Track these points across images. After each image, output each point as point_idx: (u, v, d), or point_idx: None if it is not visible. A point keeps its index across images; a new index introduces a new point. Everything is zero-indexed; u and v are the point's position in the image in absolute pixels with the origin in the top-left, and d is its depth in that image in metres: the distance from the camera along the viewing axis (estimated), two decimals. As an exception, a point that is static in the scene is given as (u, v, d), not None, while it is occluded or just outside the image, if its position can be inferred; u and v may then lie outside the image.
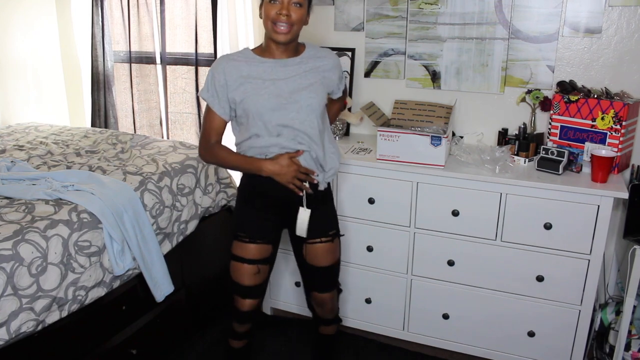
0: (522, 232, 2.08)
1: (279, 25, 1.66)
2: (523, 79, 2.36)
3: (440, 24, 2.44)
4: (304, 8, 1.70)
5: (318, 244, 1.87)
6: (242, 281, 1.88)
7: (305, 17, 1.72)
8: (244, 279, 1.87)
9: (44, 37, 3.35)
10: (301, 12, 1.68)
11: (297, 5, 1.67)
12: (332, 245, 1.90)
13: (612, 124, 2.04)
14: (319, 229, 1.86)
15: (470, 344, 2.31)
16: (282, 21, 1.65)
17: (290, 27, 1.67)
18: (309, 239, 1.86)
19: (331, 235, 1.90)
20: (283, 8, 1.65)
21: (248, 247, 1.85)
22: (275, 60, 1.75)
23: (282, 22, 1.65)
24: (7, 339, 1.54)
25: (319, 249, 1.88)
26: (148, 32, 3.15)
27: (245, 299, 1.92)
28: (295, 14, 1.66)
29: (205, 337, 2.46)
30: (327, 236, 1.88)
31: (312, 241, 1.87)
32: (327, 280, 1.97)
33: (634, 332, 2.06)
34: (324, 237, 1.87)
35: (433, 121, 2.26)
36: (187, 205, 2.24)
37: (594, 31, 2.20)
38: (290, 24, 1.66)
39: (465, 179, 2.10)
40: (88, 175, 2.05)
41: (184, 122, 3.23)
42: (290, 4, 1.66)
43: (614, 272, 2.32)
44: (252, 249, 1.85)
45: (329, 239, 1.88)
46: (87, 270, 1.78)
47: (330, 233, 1.89)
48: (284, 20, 1.65)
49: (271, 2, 1.67)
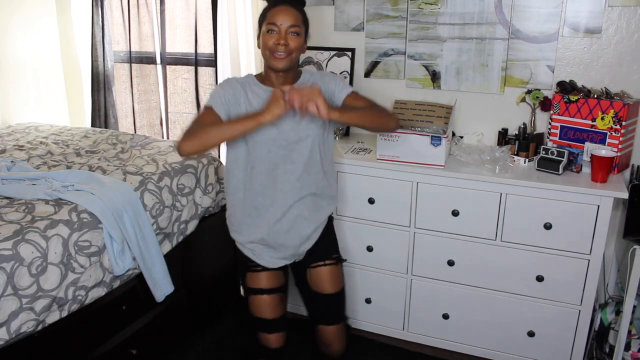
0: (522, 232, 2.08)
1: (276, 54, 1.64)
2: (523, 79, 2.36)
3: (440, 24, 2.44)
4: (302, 36, 1.68)
5: (322, 267, 1.82)
6: (265, 315, 1.80)
7: (303, 44, 1.70)
8: (267, 312, 1.80)
9: (44, 37, 3.35)
10: (299, 40, 1.66)
11: (295, 34, 1.65)
12: (336, 268, 1.85)
13: (612, 124, 2.04)
14: (322, 252, 1.82)
15: (470, 344, 2.31)
16: (280, 51, 1.63)
17: (289, 54, 1.65)
18: (312, 263, 1.82)
19: (334, 258, 1.86)
20: (281, 37, 1.63)
21: (262, 275, 1.79)
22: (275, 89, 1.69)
23: (278, 51, 1.63)
24: (7, 339, 1.54)
25: (323, 273, 1.82)
26: (148, 32, 3.15)
27: (272, 333, 1.82)
28: (293, 43, 1.64)
29: (205, 337, 2.46)
30: (331, 259, 1.84)
31: (316, 264, 1.82)
32: (333, 309, 1.87)
33: (634, 332, 2.06)
34: (328, 259, 1.83)
35: (433, 121, 2.26)
36: (187, 205, 2.24)
37: (594, 31, 2.20)
38: (288, 52, 1.64)
39: (465, 179, 2.10)
40: (88, 175, 2.05)
41: (184, 122, 3.23)
42: (287, 33, 1.64)
43: (613, 272, 2.32)
44: (267, 276, 1.79)
45: (332, 261, 1.84)
46: (87, 270, 1.78)
47: (333, 256, 1.86)
48: (281, 49, 1.63)
49: (269, 32, 1.65)
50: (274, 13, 1.65)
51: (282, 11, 1.64)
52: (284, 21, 1.63)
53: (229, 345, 2.41)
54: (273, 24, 1.64)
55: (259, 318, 1.81)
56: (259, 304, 1.80)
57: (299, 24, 1.66)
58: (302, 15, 1.69)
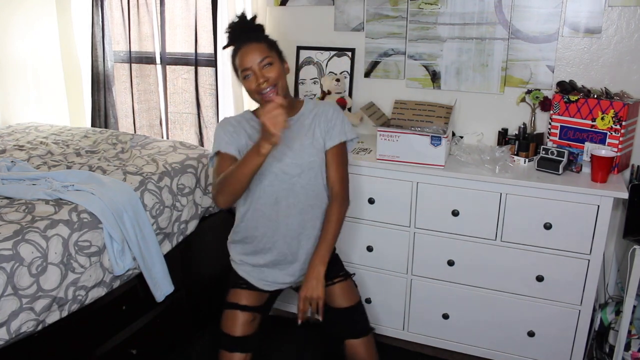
0: (522, 232, 2.09)
1: (264, 94, 1.62)
2: (523, 79, 2.36)
3: (440, 24, 2.44)
4: (276, 63, 1.65)
5: (331, 285, 1.79)
6: (232, 331, 1.74)
7: (283, 68, 1.68)
8: (236, 329, 1.73)
9: (44, 37, 3.35)
10: (276, 68, 1.63)
11: (268, 65, 1.62)
12: (347, 283, 1.83)
13: (612, 124, 2.04)
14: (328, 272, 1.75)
15: (470, 344, 2.31)
16: (264, 89, 1.61)
17: (276, 87, 1.63)
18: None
19: (342, 275, 1.84)
20: (258, 77, 1.61)
21: (245, 292, 1.78)
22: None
23: (265, 89, 1.61)
24: (7, 339, 1.54)
25: (336, 289, 1.80)
26: (148, 32, 3.15)
27: (234, 352, 1.73)
28: (272, 74, 1.62)
29: (205, 337, 2.46)
30: (338, 276, 1.82)
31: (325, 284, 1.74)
32: (355, 321, 1.81)
33: (634, 332, 2.06)
34: (336, 278, 1.81)
35: (433, 121, 2.26)
36: (187, 205, 2.24)
37: (593, 31, 2.21)
38: (273, 85, 1.62)
39: (465, 179, 2.10)
40: (88, 175, 2.05)
41: (184, 122, 3.23)
42: (261, 69, 1.61)
43: (613, 272, 2.32)
44: (249, 294, 1.78)
45: (340, 278, 1.82)
46: (87, 270, 1.78)
47: (340, 274, 1.84)
48: (265, 86, 1.61)
49: (245, 78, 1.63)
50: (241, 58, 1.63)
51: (246, 53, 1.62)
52: (252, 61, 1.61)
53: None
54: (245, 70, 1.62)
55: (225, 334, 1.75)
56: (229, 318, 1.75)
57: (268, 53, 1.63)
58: (267, 42, 1.67)
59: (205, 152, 2.48)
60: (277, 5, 2.74)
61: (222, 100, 2.89)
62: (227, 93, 2.83)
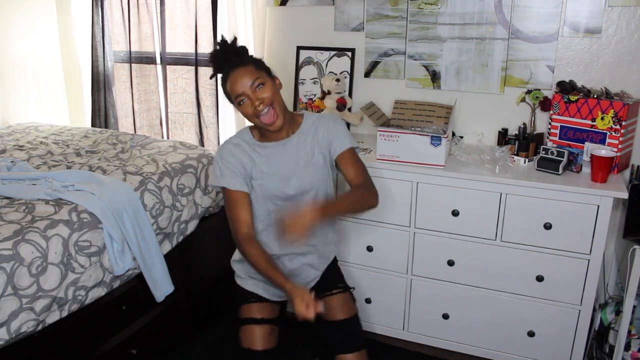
0: (522, 232, 2.09)
1: (262, 116, 1.59)
2: (523, 79, 2.36)
3: (440, 24, 2.44)
4: (268, 82, 1.61)
5: (330, 296, 1.78)
6: (254, 346, 1.70)
7: (275, 85, 1.64)
8: (257, 343, 1.70)
9: (44, 37, 3.35)
10: (269, 87, 1.60)
11: (260, 85, 1.59)
12: (345, 295, 1.80)
13: (612, 124, 2.04)
14: (328, 283, 1.79)
15: (470, 344, 2.31)
16: (261, 110, 1.58)
17: (273, 107, 1.60)
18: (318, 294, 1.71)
19: (341, 287, 1.82)
20: (253, 100, 1.58)
21: (256, 306, 1.75)
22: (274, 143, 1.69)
23: (262, 111, 1.58)
24: (7, 339, 1.54)
25: (333, 301, 1.77)
26: (148, 32, 3.15)
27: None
28: (266, 93, 1.59)
29: (205, 337, 2.46)
30: (337, 288, 1.80)
31: (323, 294, 1.77)
32: (349, 335, 1.77)
33: (634, 332, 2.06)
34: (335, 289, 1.80)
35: (433, 121, 2.26)
36: (187, 205, 2.24)
37: (593, 31, 2.20)
38: (269, 105, 1.59)
39: (465, 179, 2.10)
40: (88, 175, 2.05)
41: (184, 122, 3.23)
42: (254, 91, 1.58)
43: (613, 272, 2.32)
44: (262, 307, 1.75)
45: (340, 290, 1.80)
46: (87, 270, 1.78)
47: (339, 285, 1.82)
48: (262, 108, 1.58)
49: (240, 104, 1.61)
50: (232, 85, 1.60)
51: (235, 79, 1.59)
52: (243, 86, 1.58)
53: (229, 345, 2.41)
54: (239, 96, 1.59)
55: (248, 350, 1.70)
56: (249, 333, 1.72)
57: (257, 74, 1.60)
58: (253, 63, 1.63)
59: (206, 152, 2.48)
60: (277, 5, 2.74)
61: (222, 100, 2.89)
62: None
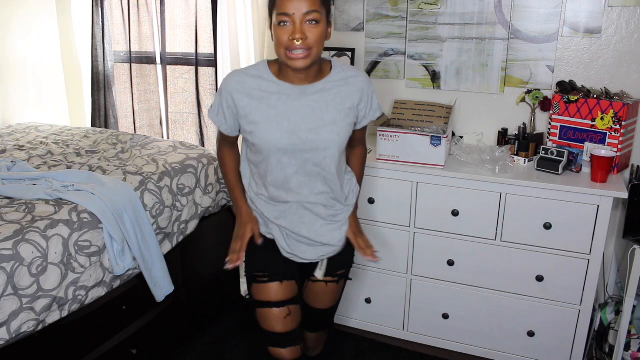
0: (522, 232, 2.09)
1: (293, 52, 1.36)
2: (523, 79, 2.36)
3: (440, 24, 2.44)
4: (322, 23, 1.37)
5: (320, 283, 1.65)
6: (276, 329, 1.58)
7: (325, 33, 1.41)
8: (277, 326, 1.58)
9: (44, 37, 3.35)
10: (319, 30, 1.36)
11: (313, 22, 1.35)
12: (336, 287, 1.68)
13: (612, 124, 2.04)
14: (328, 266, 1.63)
15: (470, 344, 2.31)
16: (296, 47, 1.35)
17: (309, 51, 1.36)
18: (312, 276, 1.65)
19: (338, 275, 1.67)
20: (296, 31, 1.34)
21: (271, 287, 1.58)
22: (293, 86, 1.46)
23: (296, 49, 1.35)
24: (7, 339, 1.54)
25: (319, 290, 1.67)
26: (148, 32, 3.16)
27: (285, 347, 1.59)
28: (312, 35, 1.35)
29: (205, 337, 2.46)
30: (334, 276, 1.66)
31: (315, 279, 1.65)
32: (320, 321, 1.76)
33: (634, 332, 2.06)
34: (330, 276, 1.65)
35: (433, 121, 2.26)
36: (187, 205, 2.24)
37: (593, 31, 2.21)
38: (307, 47, 1.35)
39: (465, 179, 2.10)
40: (88, 175, 2.05)
41: (184, 122, 3.23)
42: (303, 24, 1.34)
43: (613, 272, 2.32)
44: (276, 288, 1.58)
45: (334, 279, 1.66)
46: (87, 270, 1.78)
47: (338, 273, 1.67)
48: (299, 45, 1.34)
49: (280, 24, 1.36)
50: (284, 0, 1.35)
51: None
52: (297, 8, 1.33)
53: (229, 345, 2.41)
54: (284, 14, 1.35)
55: (269, 332, 1.60)
56: (268, 317, 1.59)
57: (317, 7, 1.35)
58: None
59: (206, 152, 2.48)
60: (277, 5, 2.74)
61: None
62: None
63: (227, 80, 1.50)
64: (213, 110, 1.55)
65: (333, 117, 1.47)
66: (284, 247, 1.60)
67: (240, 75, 1.49)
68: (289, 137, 1.45)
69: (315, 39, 1.36)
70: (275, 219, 1.57)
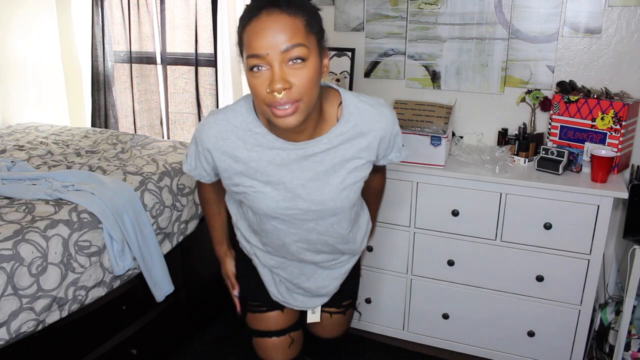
0: (522, 232, 2.09)
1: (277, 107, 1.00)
2: (523, 79, 2.36)
3: (440, 24, 2.44)
4: (312, 59, 1.00)
5: (324, 314, 1.45)
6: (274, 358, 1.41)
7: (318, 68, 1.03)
8: (278, 356, 1.40)
9: (44, 37, 3.35)
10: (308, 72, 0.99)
11: (298, 60, 0.98)
12: (342, 318, 1.49)
13: (612, 124, 2.04)
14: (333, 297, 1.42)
15: (470, 344, 2.31)
16: (279, 103, 0.98)
17: (297, 104, 0.99)
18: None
19: (344, 306, 1.48)
20: (275, 80, 0.97)
21: (270, 316, 1.39)
22: (288, 143, 1.13)
23: (280, 103, 0.99)
24: (7, 339, 1.54)
25: (324, 320, 1.46)
26: (148, 32, 3.16)
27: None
28: (298, 80, 0.98)
29: (205, 337, 2.46)
30: (340, 307, 1.47)
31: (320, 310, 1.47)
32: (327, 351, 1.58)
33: (634, 332, 2.06)
34: (336, 307, 1.46)
35: (433, 121, 2.26)
36: (187, 205, 2.24)
37: (593, 31, 2.21)
38: (293, 100, 0.99)
39: (465, 179, 2.10)
40: (88, 175, 2.05)
41: (184, 122, 3.23)
42: (283, 63, 0.97)
43: (613, 272, 2.32)
44: (276, 317, 1.39)
45: (340, 310, 1.47)
46: (87, 270, 1.78)
47: (344, 304, 1.47)
48: (282, 100, 0.98)
49: (253, 69, 0.99)
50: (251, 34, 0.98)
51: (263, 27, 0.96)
52: (271, 46, 0.96)
53: (229, 345, 2.41)
54: (255, 57, 0.98)
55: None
56: (268, 347, 1.40)
57: (300, 39, 0.98)
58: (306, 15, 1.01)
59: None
60: (277, 5, 2.74)
61: (222, 100, 2.89)
62: (227, 93, 2.84)
63: (203, 133, 1.16)
64: (188, 163, 1.27)
65: (341, 178, 1.16)
66: (273, 293, 1.36)
67: (219, 126, 1.14)
68: (286, 206, 1.16)
69: (303, 85, 0.99)
70: (272, 268, 1.35)
